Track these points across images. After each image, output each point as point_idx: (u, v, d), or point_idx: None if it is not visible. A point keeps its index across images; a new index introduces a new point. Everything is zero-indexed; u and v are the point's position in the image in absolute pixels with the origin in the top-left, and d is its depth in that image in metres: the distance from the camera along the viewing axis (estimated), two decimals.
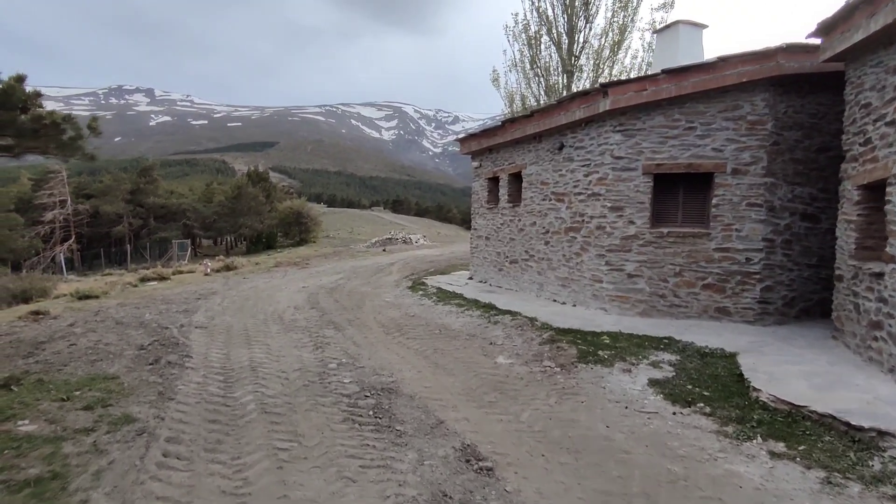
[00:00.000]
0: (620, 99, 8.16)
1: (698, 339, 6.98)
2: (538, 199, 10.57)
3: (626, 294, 8.49)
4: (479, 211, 13.30)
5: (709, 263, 8.04)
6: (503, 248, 11.99)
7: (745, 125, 7.78)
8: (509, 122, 11.18)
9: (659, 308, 8.32)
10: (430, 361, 6.65)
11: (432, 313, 9.67)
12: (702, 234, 8.06)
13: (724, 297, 7.99)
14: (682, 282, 8.19)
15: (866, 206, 6.13)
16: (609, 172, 8.55)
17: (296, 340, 7.63)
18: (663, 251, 8.27)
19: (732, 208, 7.90)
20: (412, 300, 11.23)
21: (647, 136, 8.29)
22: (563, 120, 9.32)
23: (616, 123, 8.45)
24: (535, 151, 10.70)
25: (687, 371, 5.85)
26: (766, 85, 7.64)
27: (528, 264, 10.97)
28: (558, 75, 19.95)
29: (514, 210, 11.55)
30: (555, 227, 10.01)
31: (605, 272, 8.63)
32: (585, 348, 6.78)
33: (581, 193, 9.23)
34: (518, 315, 8.65)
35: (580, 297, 9.26)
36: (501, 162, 12.10)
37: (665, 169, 8.20)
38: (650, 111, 8.23)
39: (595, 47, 18.98)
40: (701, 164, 8.00)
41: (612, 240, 8.56)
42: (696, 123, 8.02)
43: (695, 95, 7.94)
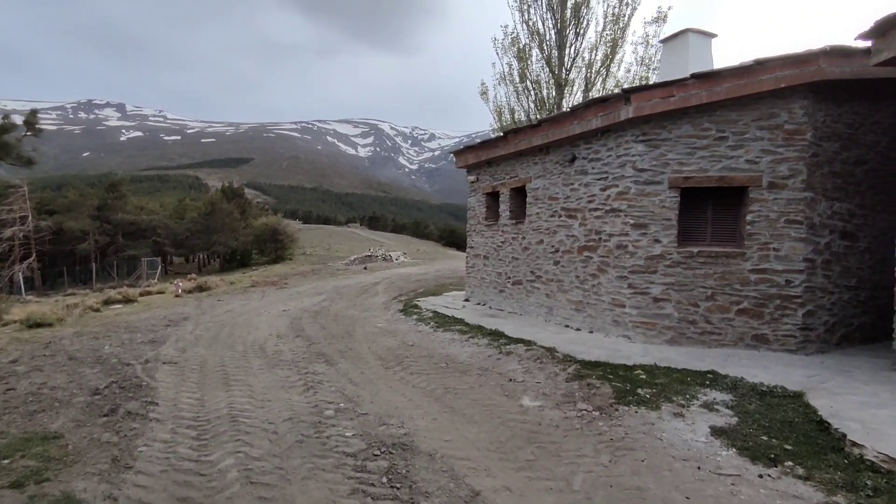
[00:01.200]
0: (644, 106, 7.42)
1: (745, 372, 6.17)
2: (545, 216, 9.74)
3: (652, 320, 7.66)
4: (476, 228, 12.42)
5: (744, 286, 7.28)
6: (505, 268, 11.11)
7: (783, 135, 7.10)
8: (512, 132, 10.39)
9: (689, 335, 7.51)
10: (444, 404, 5.66)
11: (433, 342, 8.68)
12: (736, 253, 7.31)
13: (761, 324, 7.22)
14: (714, 306, 7.40)
15: None
16: (631, 186, 7.77)
17: (282, 379, 6.55)
18: (693, 272, 7.48)
19: (769, 225, 7.17)
20: (408, 325, 10.22)
21: (674, 146, 7.55)
22: (577, 129, 8.54)
23: (638, 133, 7.70)
24: (541, 164, 9.90)
25: (751, 415, 4.99)
26: (804, 91, 6.99)
27: (534, 286, 10.10)
28: (549, 89, 19.43)
29: (517, 227, 10.70)
30: (566, 245, 9.18)
31: (628, 296, 7.79)
32: (621, 385, 5.89)
33: (597, 209, 8.43)
34: (532, 344, 7.74)
35: (598, 322, 8.40)
36: (502, 176, 11.27)
37: (694, 183, 7.45)
38: (676, 119, 7.51)
39: (586, 60, 18.52)
40: (734, 177, 7.28)
41: (635, 260, 7.75)
42: (727, 133, 7.32)
43: (726, 102, 7.24)
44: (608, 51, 18.04)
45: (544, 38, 18.95)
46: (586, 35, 18.55)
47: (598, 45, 18.33)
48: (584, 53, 18.61)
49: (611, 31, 18.05)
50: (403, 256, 38.50)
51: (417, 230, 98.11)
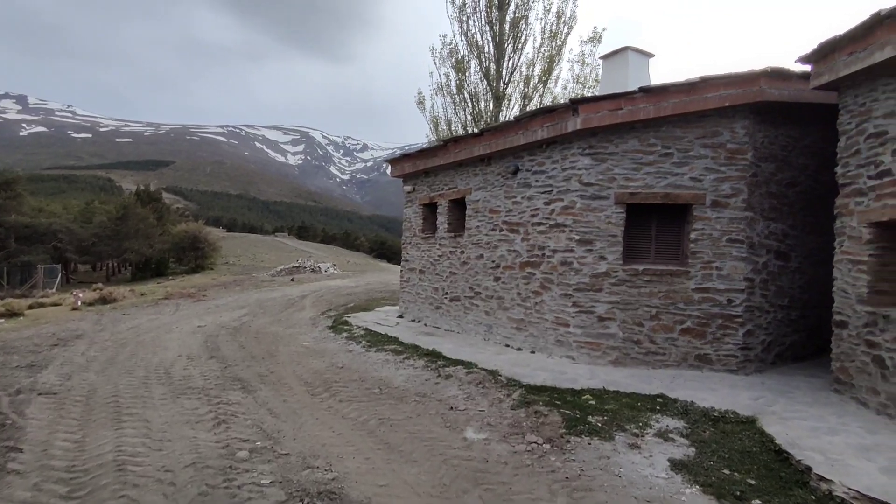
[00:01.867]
0: (592, 118, 7.19)
1: (693, 395, 5.95)
2: (486, 229, 9.33)
3: (597, 340, 7.38)
4: (412, 241, 11.84)
5: (688, 305, 7.16)
6: (442, 283, 10.59)
7: (725, 154, 7.09)
8: (452, 141, 9.95)
9: (633, 356, 7.28)
10: (378, 439, 5.00)
11: (366, 363, 7.97)
12: (680, 272, 7.18)
13: (704, 343, 7.11)
14: (658, 326, 7.22)
15: (880, 246, 5.47)
16: (577, 200, 7.50)
17: (189, 411, 5.62)
18: (638, 291, 7.28)
19: (713, 244, 7.11)
20: (337, 345, 9.42)
21: (620, 161, 7.36)
22: (521, 140, 8.21)
23: (585, 146, 7.46)
24: (482, 175, 9.51)
25: (708, 445, 4.71)
26: (746, 111, 7.01)
27: (472, 303, 9.63)
28: (486, 101, 19.33)
29: (455, 241, 10.22)
30: (507, 261, 8.79)
31: (573, 315, 7.48)
32: (570, 413, 5.48)
33: (541, 224, 8.11)
34: (473, 366, 7.22)
35: (540, 342, 8.03)
36: (440, 186, 10.79)
37: (640, 199, 7.29)
38: (623, 133, 7.34)
39: (524, 75, 18.59)
40: (679, 194, 7.18)
41: (580, 277, 7.46)
42: (672, 149, 7.22)
43: (672, 118, 7.16)
44: (545, 66, 18.20)
45: (482, 50, 18.88)
46: (524, 50, 18.67)
47: (536, 61, 18.48)
48: (521, 68, 18.71)
49: (548, 47, 18.25)
50: (333, 268, 37.18)
51: (348, 241, 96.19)
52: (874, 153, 5.46)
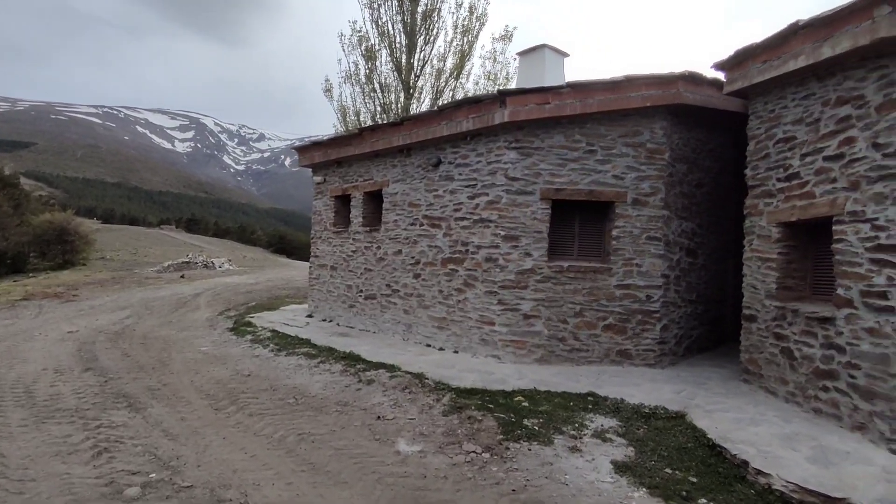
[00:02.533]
0: (520, 110, 7.02)
1: (620, 391, 5.98)
2: (405, 224, 8.90)
3: (523, 338, 7.25)
4: (322, 235, 11.08)
5: (610, 302, 7.24)
6: (356, 280, 9.99)
7: (645, 153, 7.24)
8: (368, 130, 9.39)
9: (558, 353, 7.24)
10: (300, 459, 4.41)
11: (276, 370, 7.22)
12: (603, 269, 7.25)
13: (625, 339, 7.24)
14: (582, 323, 7.24)
15: (787, 245, 5.79)
16: (502, 195, 7.31)
17: (59, 440, 4.64)
18: (563, 288, 7.25)
19: (633, 241, 7.25)
20: (241, 349, 8.52)
21: (546, 156, 7.27)
22: (444, 131, 7.87)
23: (511, 139, 7.28)
24: (401, 167, 9.06)
25: (645, 444, 4.67)
26: (664, 113, 7.21)
27: (390, 301, 9.16)
28: (397, 93, 18.84)
29: (371, 235, 9.68)
30: (428, 257, 8.43)
31: (498, 312, 7.29)
32: (505, 417, 5.24)
33: (465, 219, 7.83)
34: (396, 369, 6.78)
35: (464, 341, 7.76)
36: (354, 177, 10.17)
37: (565, 195, 7.24)
38: (549, 128, 7.25)
39: (436, 68, 18.33)
40: (603, 191, 7.23)
41: (505, 274, 7.28)
42: (596, 147, 7.25)
43: (597, 116, 7.18)
44: (458, 61, 18.07)
45: (393, 40, 18.34)
46: (436, 43, 18.41)
47: (448, 55, 18.30)
48: (433, 61, 18.43)
49: (460, 42, 18.13)
50: (228, 264, 34.69)
51: (243, 235, 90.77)
52: (783, 157, 5.77)
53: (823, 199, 5.12)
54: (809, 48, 5.05)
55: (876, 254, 4.49)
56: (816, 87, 5.31)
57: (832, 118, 5.10)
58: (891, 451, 4.21)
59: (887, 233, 4.40)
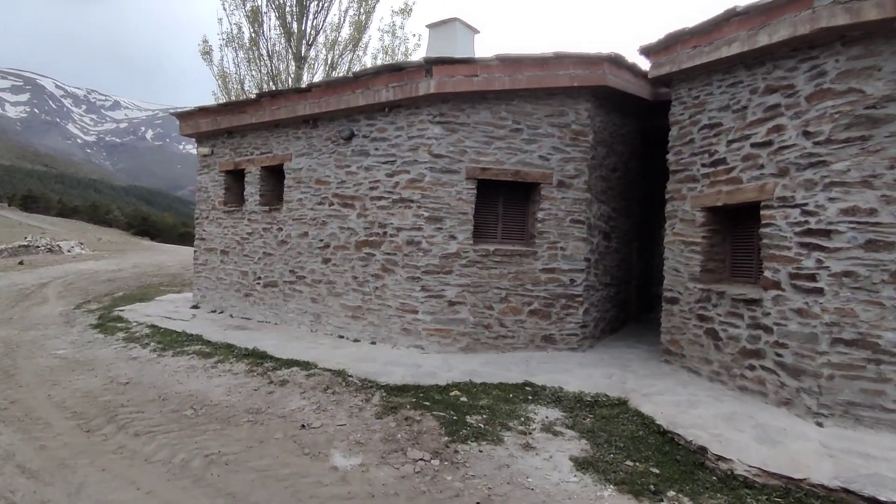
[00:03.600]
0: (447, 82, 6.49)
1: (554, 378, 5.79)
2: (311, 203, 8.00)
3: (447, 326, 6.81)
4: (210, 215, 9.71)
5: (535, 286, 7.05)
6: (253, 266, 8.86)
7: (570, 134, 7.10)
8: (267, 96, 8.27)
9: (483, 341, 6.92)
10: (214, 489, 3.57)
11: (163, 374, 6.07)
12: (528, 252, 7.02)
13: (550, 324, 7.10)
14: (508, 308, 6.97)
15: (711, 229, 5.94)
16: (426, 173, 6.76)
17: None
18: (489, 272, 6.91)
19: (558, 224, 7.10)
20: (112, 350, 7.12)
21: (471, 133, 6.84)
22: (360, 101, 7.10)
23: (436, 112, 6.73)
24: (306, 139, 8.10)
25: (597, 435, 4.47)
26: (588, 94, 7.10)
27: (295, 288, 8.22)
28: (287, 62, 17.32)
29: (271, 216, 8.61)
30: (339, 240, 7.64)
31: (422, 300, 6.77)
32: (445, 415, 4.78)
33: (382, 198, 7.17)
34: (312, 367, 6.00)
35: (382, 331, 7.14)
36: (249, 150, 8.97)
37: (491, 175, 6.88)
38: (476, 103, 6.81)
39: (331, 40, 17.11)
40: (529, 172, 6.97)
41: (429, 259, 6.77)
42: (523, 126, 6.96)
43: (523, 93, 6.88)
44: (354, 33, 17.01)
45: (284, 5, 16.78)
46: (330, 10, 17.19)
47: (343, 24, 17.16)
48: (326, 31, 17.17)
49: (357, 11, 17.08)
50: (80, 247, 30.19)
51: (96, 215, 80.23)
52: (708, 143, 5.89)
53: (751, 185, 5.26)
54: (745, 35, 5.11)
55: (805, 238, 4.66)
56: (745, 75, 5.42)
57: (760, 106, 5.23)
58: (817, 423, 4.41)
59: (817, 217, 4.58)
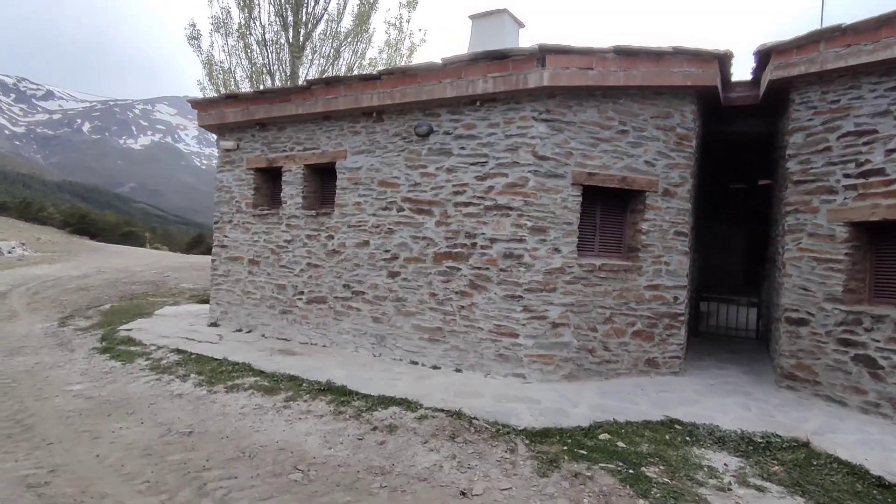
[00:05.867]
0: (561, 74, 5.71)
1: (692, 413, 5.12)
2: (373, 208, 7.01)
3: (550, 352, 6.01)
4: (233, 219, 8.48)
5: (639, 304, 6.36)
6: (293, 278, 7.74)
7: (675, 138, 6.46)
8: (321, 83, 7.20)
9: (586, 367, 6.17)
10: None
11: (227, 417, 4.96)
12: (633, 267, 6.33)
13: (652, 346, 6.43)
14: (612, 329, 6.25)
15: (854, 245, 5.42)
16: (529, 177, 5.94)
17: None
18: (593, 290, 6.17)
19: (662, 236, 6.44)
20: (143, 384, 5.89)
21: (577, 133, 6.08)
22: (447, 92, 6.21)
23: (542, 109, 5.93)
24: (367, 134, 7.10)
25: (806, 489, 3.77)
26: (693, 95, 6.49)
27: (350, 305, 7.19)
28: (282, 52, 16.00)
29: (317, 221, 7.53)
30: (412, 251, 6.70)
31: (523, 321, 5.94)
32: (615, 468, 4.01)
33: (470, 204, 6.29)
34: (414, 405, 5.07)
35: (469, 357, 6.26)
36: (289, 145, 7.85)
37: (597, 181, 6.14)
38: (583, 100, 6.06)
39: (333, 31, 15.92)
40: (635, 178, 6.28)
41: (532, 274, 5.95)
42: (629, 127, 6.26)
43: (632, 90, 6.19)
44: (358, 25, 15.88)
45: None
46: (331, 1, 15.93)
47: (344, 13, 16.00)
48: (328, 21, 15.95)
49: (360, 1, 15.95)
50: (23, 249, 27.35)
51: (28, 212, 73.78)
52: (854, 151, 5.37)
53: None
54: None
55: None
56: None
57: None
58: None
59: None
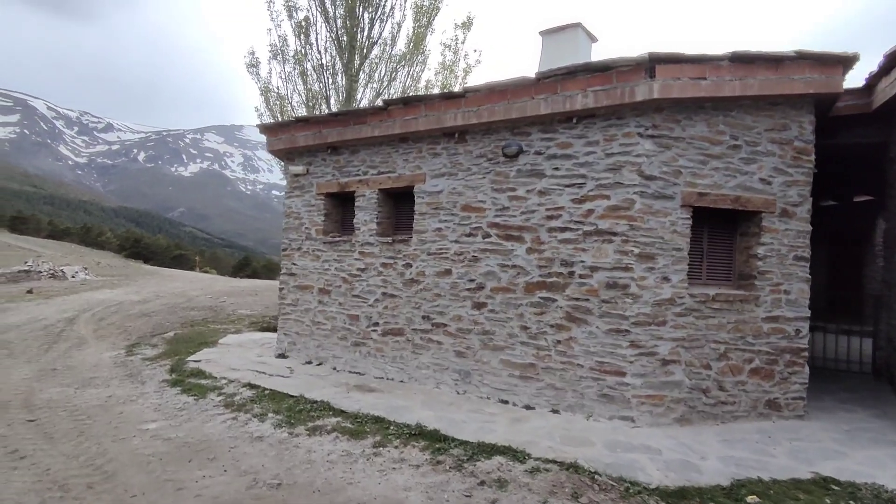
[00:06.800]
0: (672, 86, 5.20)
1: (844, 469, 4.41)
2: (455, 234, 6.59)
3: (660, 392, 5.40)
4: (302, 246, 8.22)
5: (756, 338, 5.69)
6: (366, 308, 7.38)
7: (792, 153, 5.82)
8: (399, 103, 6.90)
9: (700, 409, 5.51)
10: None
11: (314, 466, 4.54)
12: (749, 297, 5.67)
13: (772, 385, 5.73)
14: (727, 367, 5.59)
15: None
16: (635, 199, 5.41)
17: None
18: (706, 322, 5.54)
19: (780, 262, 5.78)
20: (223, 425, 5.56)
21: (686, 150, 5.53)
22: (541, 109, 5.77)
23: (648, 124, 5.42)
24: (448, 156, 6.73)
25: None
26: (811, 104, 5.86)
27: (429, 338, 6.75)
28: (336, 78, 16.02)
29: (393, 248, 7.17)
30: (500, 280, 6.23)
31: (630, 358, 5.36)
32: None
33: (567, 229, 5.79)
34: (523, 456, 4.54)
35: (568, 397, 5.69)
36: (362, 169, 7.56)
37: (708, 202, 5.56)
38: (692, 113, 5.52)
39: (387, 53, 15.86)
40: (750, 198, 5.66)
41: (640, 306, 5.38)
42: (741, 141, 5.68)
43: (745, 101, 5.61)
44: (413, 46, 15.77)
45: (334, 13, 15.54)
46: (386, 22, 15.90)
47: (399, 36, 15.93)
48: (383, 45, 15.90)
49: (414, 23, 15.86)
50: (84, 273, 28.33)
51: (88, 237, 78.12)
52: None
53: None
54: None
55: None
56: None
57: None
58: None
59: None
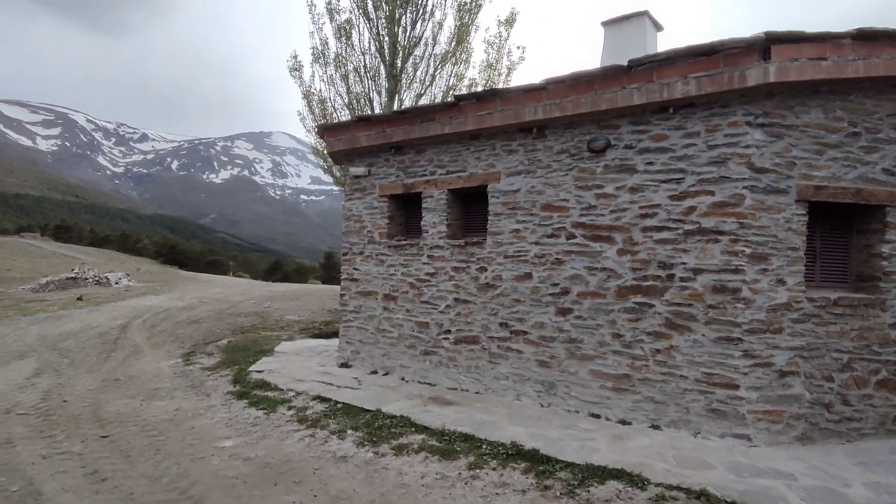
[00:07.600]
0: (789, 68, 4.69)
1: None
2: (535, 235, 6.18)
3: (778, 407, 4.87)
4: (365, 250, 7.93)
5: (883, 347, 5.11)
6: (437, 315, 7.03)
7: None
8: (471, 98, 6.53)
9: (822, 426, 4.96)
10: None
11: (410, 492, 4.18)
12: (874, 301, 5.09)
13: None
14: (851, 379, 5.03)
15: None
16: (745, 194, 4.91)
17: None
18: (826, 330, 4.99)
19: None
20: (300, 442, 5.27)
21: (799, 139, 5.00)
22: (633, 99, 5.32)
23: (758, 112, 4.91)
24: (525, 153, 6.33)
25: None
26: None
27: (508, 346, 6.36)
28: (378, 79, 15.81)
29: (466, 252, 6.80)
30: (587, 284, 5.79)
31: (744, 369, 4.85)
32: None
33: (665, 228, 5.32)
34: (640, 481, 4.09)
35: (670, 411, 5.21)
36: (429, 169, 7.23)
37: (826, 195, 5.01)
38: (806, 98, 4.99)
39: (429, 52, 15.57)
40: (873, 191, 5.09)
41: (752, 312, 4.87)
42: (860, 128, 5.11)
43: (864, 84, 5.05)
44: (455, 44, 15.45)
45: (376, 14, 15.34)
46: (427, 21, 15.60)
47: (440, 34, 15.60)
48: (425, 44, 15.62)
49: (456, 21, 15.53)
50: (127, 279, 28.89)
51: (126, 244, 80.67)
52: None
53: None
54: None
55: None
56: None
57: None
58: None
59: None
